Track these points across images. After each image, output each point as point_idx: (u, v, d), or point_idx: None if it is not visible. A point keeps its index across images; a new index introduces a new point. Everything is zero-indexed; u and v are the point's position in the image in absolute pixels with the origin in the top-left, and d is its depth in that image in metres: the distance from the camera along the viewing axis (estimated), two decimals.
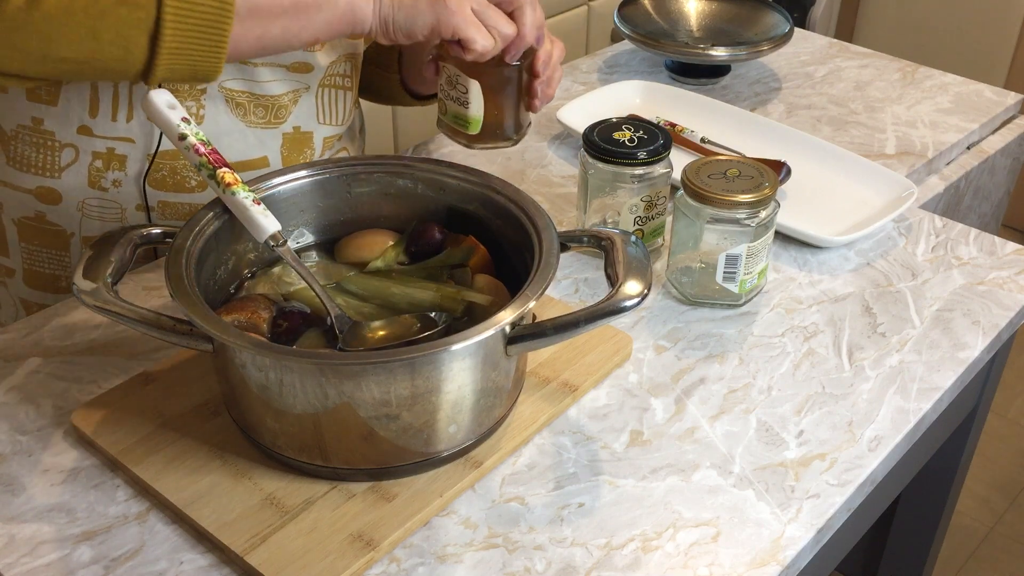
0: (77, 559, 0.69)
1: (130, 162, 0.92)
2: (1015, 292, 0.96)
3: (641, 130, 0.96)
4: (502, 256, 0.83)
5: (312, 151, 0.99)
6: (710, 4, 1.47)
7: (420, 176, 0.85)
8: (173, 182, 0.93)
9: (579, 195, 0.99)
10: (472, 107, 0.90)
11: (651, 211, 0.97)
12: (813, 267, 0.99)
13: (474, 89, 0.89)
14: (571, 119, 1.19)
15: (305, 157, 0.98)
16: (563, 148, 1.20)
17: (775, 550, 0.71)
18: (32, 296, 1.00)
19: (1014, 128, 1.35)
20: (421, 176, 0.85)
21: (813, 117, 1.29)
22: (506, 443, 0.77)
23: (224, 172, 0.77)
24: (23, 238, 0.97)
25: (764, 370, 0.86)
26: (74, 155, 0.92)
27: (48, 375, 0.84)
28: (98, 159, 0.92)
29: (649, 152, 0.93)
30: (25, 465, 0.76)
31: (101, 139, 0.91)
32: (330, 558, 0.67)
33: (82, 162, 0.92)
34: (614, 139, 0.94)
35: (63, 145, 0.92)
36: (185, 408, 0.79)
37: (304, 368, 0.67)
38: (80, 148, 0.92)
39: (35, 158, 0.93)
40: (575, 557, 0.70)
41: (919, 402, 0.83)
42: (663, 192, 0.97)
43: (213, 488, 0.72)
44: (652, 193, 0.95)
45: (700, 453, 0.78)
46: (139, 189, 0.94)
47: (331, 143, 1.01)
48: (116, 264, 0.72)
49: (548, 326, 0.69)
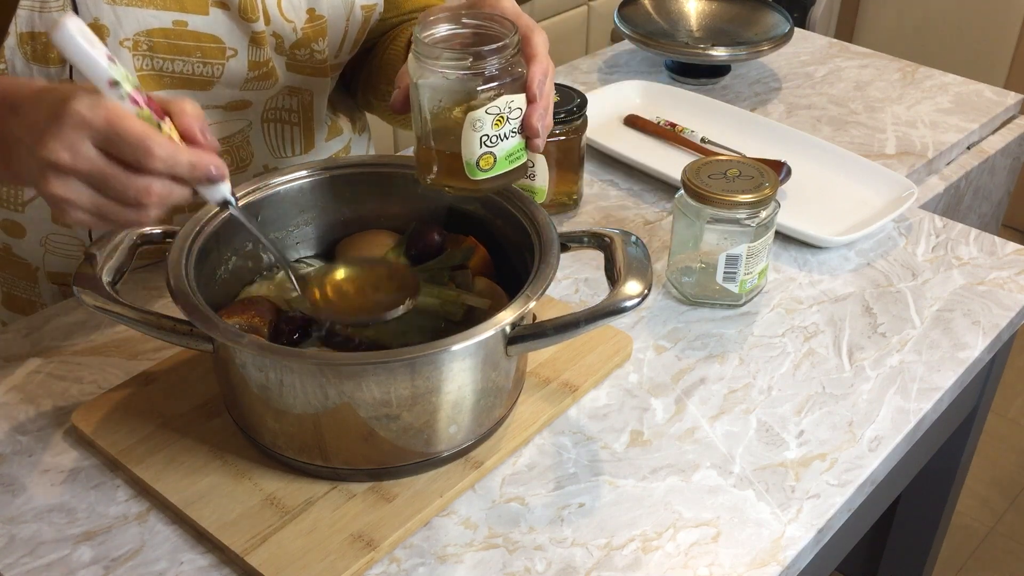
0: (77, 559, 0.69)
1: None
2: (1015, 292, 0.96)
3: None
4: (502, 256, 0.83)
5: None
6: (710, 4, 1.47)
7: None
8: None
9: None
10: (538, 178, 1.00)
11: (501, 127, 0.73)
12: (813, 267, 0.99)
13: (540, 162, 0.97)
14: None
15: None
16: None
17: (775, 550, 0.71)
18: (12, 319, 1.00)
19: (1014, 128, 1.35)
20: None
21: (813, 117, 1.29)
22: (506, 443, 0.77)
23: (169, 127, 0.65)
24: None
25: (764, 370, 0.86)
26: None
27: (48, 375, 0.84)
28: None
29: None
30: (25, 465, 0.76)
31: None
32: (330, 558, 0.67)
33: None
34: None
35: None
36: (185, 408, 0.79)
37: (304, 368, 0.67)
38: None
39: (0, 191, 0.91)
40: (575, 557, 0.70)
41: (919, 402, 0.83)
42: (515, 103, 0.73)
43: (213, 488, 0.72)
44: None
45: (700, 453, 0.78)
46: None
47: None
48: (116, 264, 0.72)
49: (548, 326, 0.69)
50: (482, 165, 0.72)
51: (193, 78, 0.85)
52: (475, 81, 0.69)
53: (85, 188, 0.62)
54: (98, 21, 0.80)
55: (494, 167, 0.73)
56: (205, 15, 0.83)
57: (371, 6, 0.95)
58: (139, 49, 0.82)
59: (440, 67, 0.70)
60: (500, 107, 0.70)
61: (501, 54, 0.70)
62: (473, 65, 0.69)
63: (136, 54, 0.82)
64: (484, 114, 0.70)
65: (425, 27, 0.72)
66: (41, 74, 0.82)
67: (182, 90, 0.85)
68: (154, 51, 0.82)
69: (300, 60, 0.92)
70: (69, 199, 0.62)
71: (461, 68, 0.69)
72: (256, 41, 0.86)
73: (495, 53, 0.70)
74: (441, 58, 0.70)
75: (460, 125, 0.70)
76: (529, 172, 1.01)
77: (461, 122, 0.70)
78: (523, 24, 0.74)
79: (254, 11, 0.85)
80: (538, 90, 0.72)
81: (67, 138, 0.60)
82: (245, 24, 0.85)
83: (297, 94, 0.96)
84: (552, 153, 1.01)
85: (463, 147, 0.71)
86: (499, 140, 0.72)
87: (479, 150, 0.71)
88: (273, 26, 0.87)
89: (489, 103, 0.70)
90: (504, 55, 0.70)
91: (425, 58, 0.70)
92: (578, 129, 1.02)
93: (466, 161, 0.72)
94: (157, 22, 0.81)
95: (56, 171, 0.61)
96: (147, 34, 0.81)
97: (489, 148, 0.72)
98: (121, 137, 0.60)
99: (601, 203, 1.09)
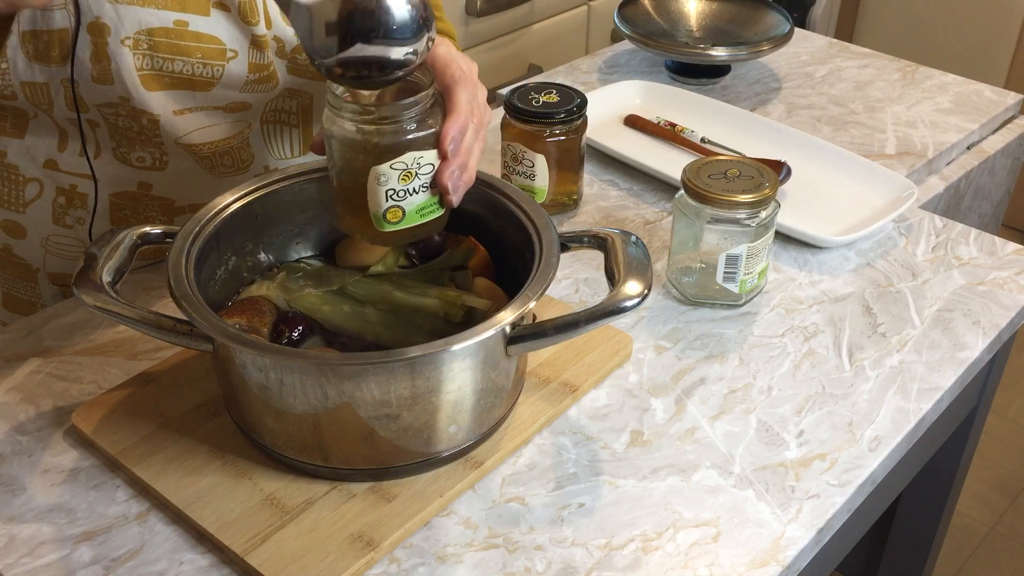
0: (77, 559, 0.69)
1: (90, 200, 0.92)
2: (1015, 292, 0.96)
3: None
4: (502, 256, 0.83)
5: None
6: (710, 4, 1.47)
7: None
8: (137, 223, 0.91)
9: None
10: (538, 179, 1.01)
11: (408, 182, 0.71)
12: (813, 267, 0.99)
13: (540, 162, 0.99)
14: None
15: None
16: None
17: (775, 550, 0.71)
18: (12, 319, 1.00)
19: (1014, 128, 1.35)
20: None
21: (813, 117, 1.29)
22: (506, 443, 0.77)
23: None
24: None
25: (764, 370, 0.86)
26: (38, 190, 0.91)
27: (48, 375, 0.84)
28: (61, 195, 0.92)
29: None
30: (25, 465, 0.76)
31: (66, 175, 0.90)
32: (330, 558, 0.67)
33: (46, 197, 0.92)
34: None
35: (27, 179, 0.91)
36: (185, 408, 0.79)
37: (304, 368, 0.67)
38: (45, 183, 0.91)
39: (1, 191, 0.92)
40: (575, 557, 0.70)
41: (919, 402, 0.83)
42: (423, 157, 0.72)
43: (213, 488, 0.72)
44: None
45: (700, 453, 0.78)
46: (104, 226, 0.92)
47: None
48: (116, 264, 0.72)
49: (548, 326, 0.69)
50: (389, 218, 0.70)
51: (194, 79, 0.85)
52: (381, 136, 0.67)
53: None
54: (100, 19, 0.80)
55: (403, 220, 0.71)
56: (206, 16, 0.83)
57: None
58: (139, 48, 0.82)
59: (347, 119, 0.68)
60: (407, 163, 0.68)
61: (410, 109, 0.67)
62: (379, 119, 0.67)
63: (137, 53, 0.82)
64: (389, 169, 0.68)
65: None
66: (43, 73, 0.82)
67: (182, 90, 0.85)
68: (155, 50, 0.82)
69: (301, 64, 0.92)
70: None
71: (366, 121, 0.67)
72: (257, 44, 0.86)
73: (404, 108, 0.67)
74: (346, 110, 0.68)
75: (366, 177, 0.68)
76: (529, 172, 1.01)
77: (367, 175, 0.68)
78: (449, 74, 0.71)
79: (254, 14, 0.85)
80: (451, 147, 0.69)
81: None
82: (246, 27, 0.85)
83: (297, 96, 0.96)
84: (552, 153, 1.01)
85: (369, 199, 0.69)
86: (407, 195, 0.70)
87: (385, 203, 0.69)
88: (274, 30, 0.87)
89: (395, 158, 0.68)
90: (414, 110, 0.67)
91: (334, 108, 0.68)
92: (578, 129, 1.02)
93: (373, 213, 0.70)
94: (158, 21, 0.81)
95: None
96: (148, 33, 0.81)
97: (396, 202, 0.70)
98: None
99: (601, 203, 1.09)
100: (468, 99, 0.71)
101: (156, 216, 0.94)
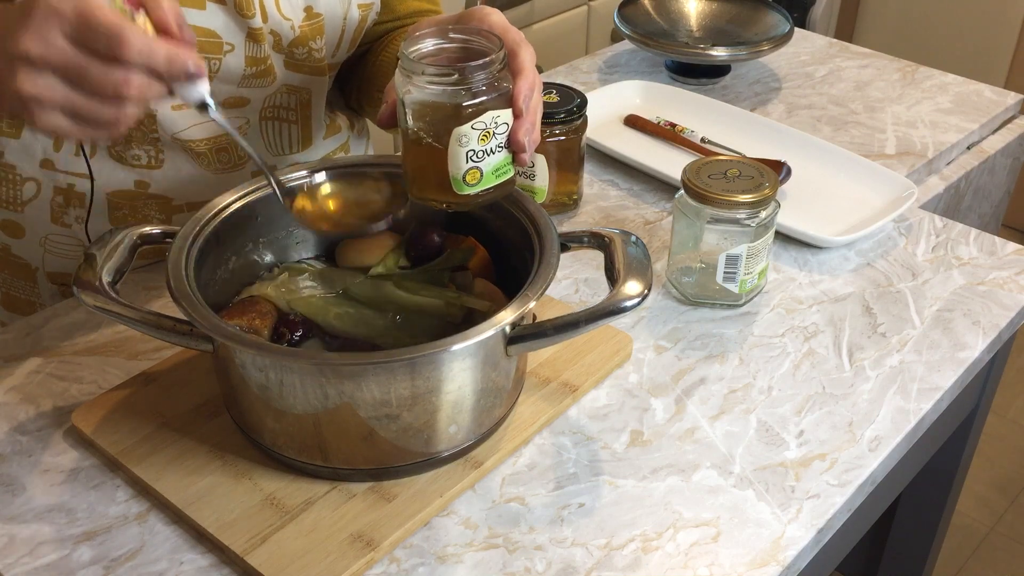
0: (77, 559, 0.69)
1: (87, 200, 0.91)
2: (1015, 292, 0.96)
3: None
4: (502, 256, 0.83)
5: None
6: (710, 4, 1.47)
7: None
8: (135, 222, 0.89)
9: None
10: (538, 179, 1.01)
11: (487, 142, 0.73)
12: (813, 267, 0.99)
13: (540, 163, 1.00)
14: None
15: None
16: None
17: (775, 550, 0.71)
18: (12, 320, 1.00)
19: (1014, 128, 1.35)
20: None
21: (813, 117, 1.29)
22: (506, 443, 0.77)
23: (144, 20, 0.62)
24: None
25: (764, 370, 0.86)
26: (36, 189, 0.91)
27: (48, 375, 0.84)
28: (59, 195, 0.91)
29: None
30: (25, 465, 0.76)
31: (64, 174, 0.90)
32: (330, 558, 0.67)
33: (44, 197, 0.92)
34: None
35: (25, 179, 0.91)
36: (185, 408, 0.79)
37: (304, 369, 0.67)
38: (42, 182, 0.91)
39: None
40: (575, 557, 0.70)
41: (919, 402, 0.83)
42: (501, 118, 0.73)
43: (213, 488, 0.72)
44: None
45: (700, 453, 0.78)
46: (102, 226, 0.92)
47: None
48: (116, 264, 0.72)
49: (548, 326, 0.69)
50: (469, 180, 0.72)
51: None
52: (461, 96, 0.69)
53: (59, 83, 0.60)
54: None
55: (481, 181, 0.73)
56: (202, 9, 0.83)
57: (368, 5, 0.95)
58: None
59: (426, 82, 0.69)
60: (486, 122, 0.70)
61: (487, 69, 0.69)
62: (459, 80, 0.69)
63: None
64: (470, 129, 0.70)
65: (411, 42, 0.72)
66: None
67: None
68: None
69: (298, 58, 0.92)
70: (42, 96, 0.59)
71: (447, 83, 0.69)
72: (254, 37, 0.86)
73: (481, 68, 0.69)
74: (426, 73, 0.69)
75: (446, 140, 0.70)
76: (529, 172, 1.01)
77: (448, 137, 0.70)
78: (510, 39, 0.74)
79: (250, 7, 0.85)
80: (524, 105, 0.71)
81: (37, 29, 0.58)
82: (241, 20, 0.85)
83: (295, 92, 0.96)
84: (552, 153, 1.01)
85: (450, 162, 0.71)
86: (485, 155, 0.71)
87: (465, 165, 0.71)
88: (271, 23, 0.87)
89: (475, 118, 0.70)
90: (490, 70, 0.70)
91: (411, 73, 0.70)
92: (578, 129, 1.02)
93: (452, 176, 0.72)
94: None
95: (27, 64, 0.59)
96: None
97: (475, 163, 0.71)
98: (92, 26, 0.58)
99: (601, 203, 1.09)
100: (531, 60, 0.74)
101: (154, 215, 0.94)
